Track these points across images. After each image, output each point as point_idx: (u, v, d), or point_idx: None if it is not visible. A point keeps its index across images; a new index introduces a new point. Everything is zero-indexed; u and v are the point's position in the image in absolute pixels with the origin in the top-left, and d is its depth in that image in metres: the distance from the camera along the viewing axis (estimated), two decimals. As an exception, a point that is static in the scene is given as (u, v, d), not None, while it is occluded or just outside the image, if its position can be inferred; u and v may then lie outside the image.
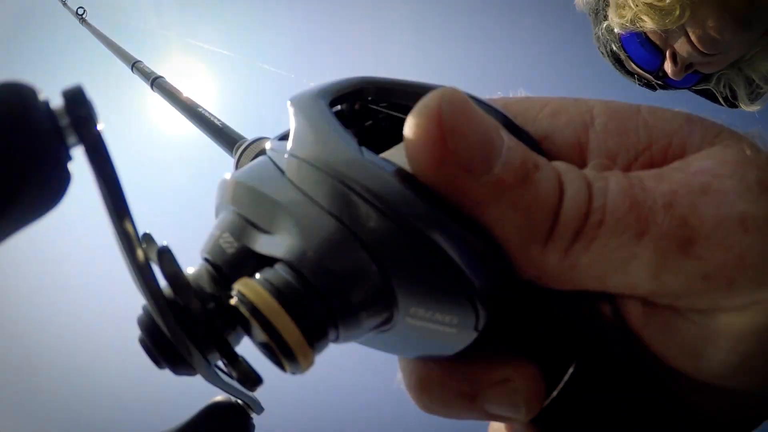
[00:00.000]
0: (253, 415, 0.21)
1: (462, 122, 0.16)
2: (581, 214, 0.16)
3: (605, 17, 0.86)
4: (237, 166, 0.59)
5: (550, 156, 0.19)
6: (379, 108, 0.22)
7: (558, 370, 0.21)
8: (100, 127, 0.14)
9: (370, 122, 0.23)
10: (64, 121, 0.14)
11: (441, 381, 0.20)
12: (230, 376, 0.20)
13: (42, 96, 0.14)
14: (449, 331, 0.18)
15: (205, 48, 1.43)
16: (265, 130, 0.60)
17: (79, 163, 0.14)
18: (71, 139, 0.14)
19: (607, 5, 0.85)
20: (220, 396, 0.21)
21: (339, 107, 0.22)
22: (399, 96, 0.22)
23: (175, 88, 0.70)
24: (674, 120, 0.19)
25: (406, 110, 0.17)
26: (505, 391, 0.20)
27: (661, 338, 0.19)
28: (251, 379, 0.19)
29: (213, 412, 0.20)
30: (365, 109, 0.22)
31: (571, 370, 0.21)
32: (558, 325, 0.21)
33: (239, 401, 0.21)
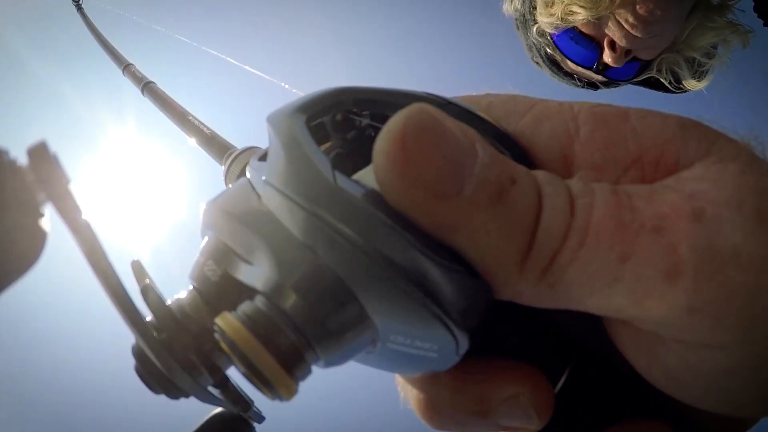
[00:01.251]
0: (255, 425, 0.22)
1: (429, 144, 0.15)
2: (560, 233, 0.15)
3: (534, 22, 0.84)
4: (226, 175, 0.59)
5: (533, 168, 0.18)
6: (360, 118, 0.22)
7: (553, 375, 0.21)
8: (67, 180, 0.14)
9: (353, 132, 0.22)
10: (31, 179, 0.14)
11: (451, 403, 0.20)
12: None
13: (9, 156, 0.14)
14: (432, 356, 0.18)
15: (201, 49, 1.42)
16: (255, 138, 0.59)
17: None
18: (41, 195, 0.14)
19: (534, 8, 0.83)
20: (222, 408, 0.21)
21: (320, 119, 0.21)
22: (379, 105, 0.22)
23: (165, 95, 0.69)
24: (666, 127, 0.17)
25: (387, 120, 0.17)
26: (518, 405, 0.19)
27: (644, 361, 0.18)
28: (241, 402, 0.20)
29: (216, 423, 0.21)
30: (347, 119, 0.22)
31: (565, 376, 0.21)
32: (549, 334, 0.21)
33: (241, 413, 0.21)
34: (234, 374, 0.20)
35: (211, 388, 0.19)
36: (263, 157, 0.21)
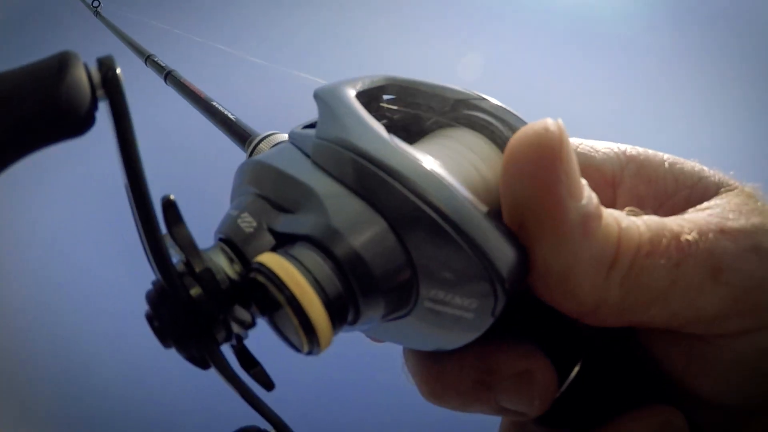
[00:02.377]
0: None
1: (569, 149, 0.17)
2: (635, 245, 0.18)
3: None
4: (251, 156, 0.60)
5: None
6: (392, 107, 0.23)
7: (564, 367, 0.21)
8: (122, 87, 0.16)
9: (399, 115, 0.23)
10: (96, 78, 0.16)
11: (458, 368, 0.20)
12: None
13: (82, 59, 0.17)
14: (466, 316, 0.18)
15: (217, 48, 1.44)
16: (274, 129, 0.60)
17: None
18: (99, 91, 0.16)
19: None
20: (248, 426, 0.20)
21: (367, 100, 0.22)
22: (420, 96, 0.23)
23: (188, 82, 0.70)
24: (693, 173, 0.22)
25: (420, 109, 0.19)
26: (523, 384, 0.20)
27: (684, 365, 0.20)
28: (250, 362, 0.19)
29: None
30: (392, 103, 0.23)
31: (577, 369, 0.21)
32: (566, 324, 0.21)
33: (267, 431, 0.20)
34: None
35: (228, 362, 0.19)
36: (308, 127, 0.21)
